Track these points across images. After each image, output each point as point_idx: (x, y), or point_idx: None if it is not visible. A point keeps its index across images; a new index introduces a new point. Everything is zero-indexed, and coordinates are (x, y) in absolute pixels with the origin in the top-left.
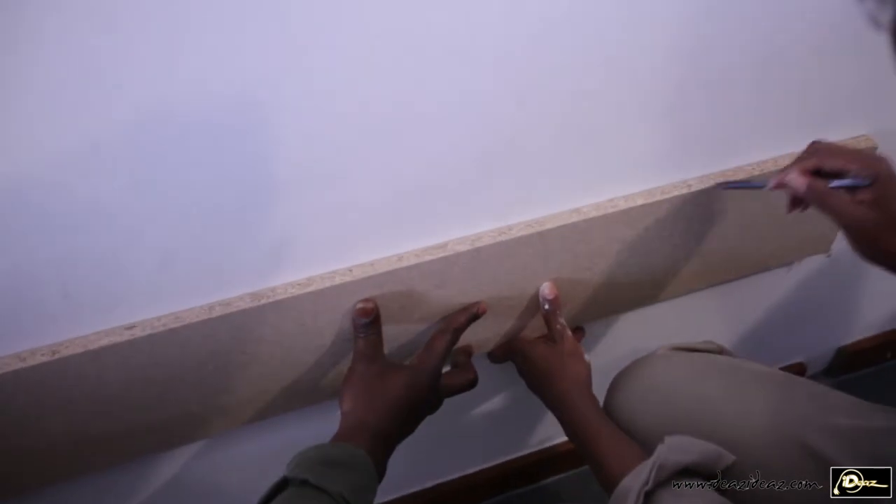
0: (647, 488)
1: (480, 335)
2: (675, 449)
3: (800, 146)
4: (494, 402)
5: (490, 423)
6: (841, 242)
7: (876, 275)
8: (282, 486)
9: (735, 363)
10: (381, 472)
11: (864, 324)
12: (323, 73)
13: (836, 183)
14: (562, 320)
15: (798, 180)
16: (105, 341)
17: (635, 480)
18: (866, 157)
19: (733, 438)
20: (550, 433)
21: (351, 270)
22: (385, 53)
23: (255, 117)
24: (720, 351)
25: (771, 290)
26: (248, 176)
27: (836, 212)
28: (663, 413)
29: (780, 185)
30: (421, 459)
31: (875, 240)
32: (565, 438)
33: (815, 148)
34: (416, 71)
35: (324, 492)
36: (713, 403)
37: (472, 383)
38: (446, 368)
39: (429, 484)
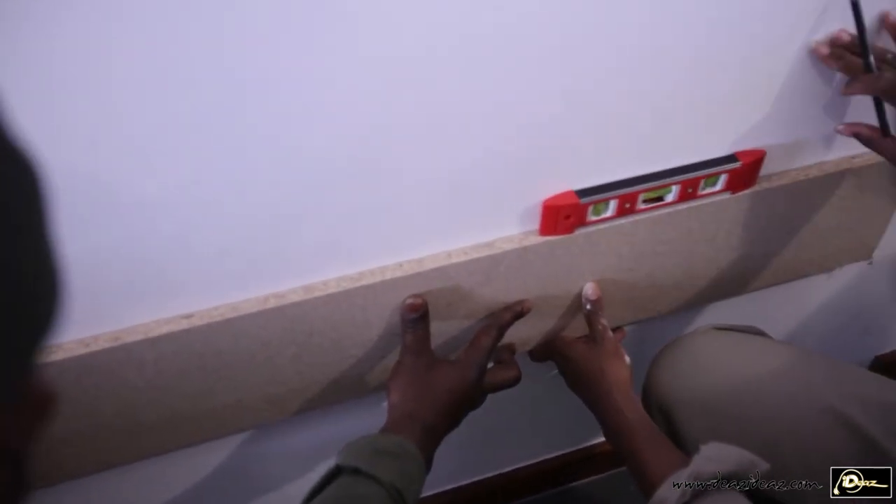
0: (684, 500)
1: (523, 333)
2: (711, 459)
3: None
4: (533, 401)
5: (528, 422)
6: (882, 250)
7: None
8: (334, 474)
9: (772, 342)
10: (428, 465)
11: None
12: (370, 76)
13: None
14: (604, 321)
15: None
16: (164, 329)
17: (671, 492)
18: None
19: (771, 410)
20: (588, 433)
21: (401, 266)
22: (434, 56)
23: (309, 116)
24: (760, 333)
25: (810, 296)
26: (303, 173)
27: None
28: (702, 387)
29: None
30: (458, 457)
31: None
32: (603, 439)
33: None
34: (464, 71)
35: (375, 480)
36: (752, 375)
37: (516, 380)
38: (490, 365)
39: (465, 481)
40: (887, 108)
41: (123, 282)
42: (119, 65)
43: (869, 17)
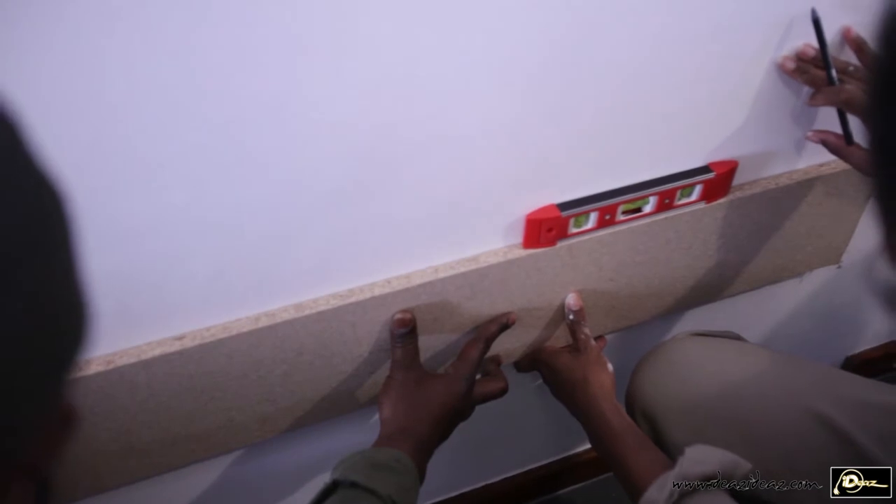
0: (671, 500)
1: (508, 345)
2: (696, 460)
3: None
4: (518, 412)
5: (512, 433)
6: (850, 254)
7: None
8: (330, 489)
9: (750, 346)
10: (421, 477)
11: (872, 333)
12: (359, 98)
13: None
14: (586, 330)
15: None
16: (157, 351)
17: (660, 493)
18: None
19: (751, 411)
20: (571, 442)
21: (389, 282)
22: (418, 80)
23: (299, 140)
24: (737, 338)
25: (783, 300)
26: (294, 196)
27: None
28: (684, 391)
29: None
30: (444, 471)
31: None
32: (586, 447)
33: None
34: (449, 94)
35: (373, 493)
36: (732, 379)
37: (503, 391)
38: (477, 377)
39: (452, 493)
40: (851, 117)
41: (117, 306)
42: (116, 88)
43: (832, 32)
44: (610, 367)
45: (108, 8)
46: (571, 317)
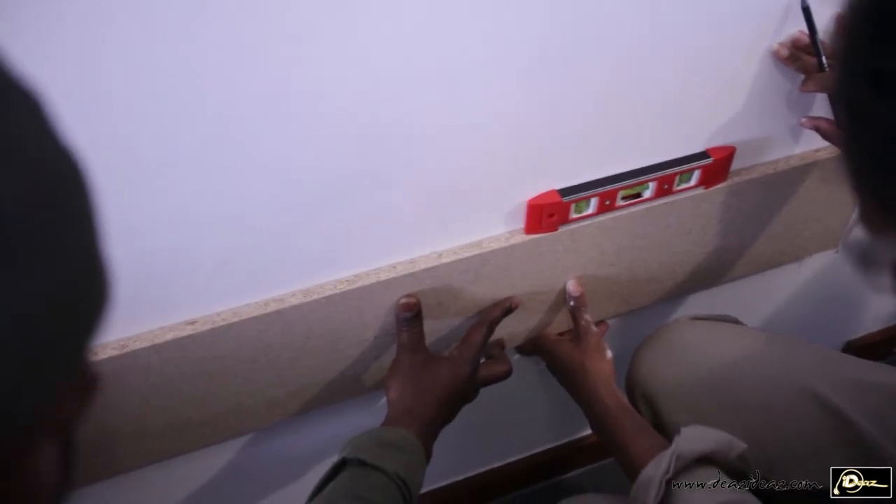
0: (667, 477)
1: (511, 329)
2: (691, 439)
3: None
4: (522, 395)
5: (516, 417)
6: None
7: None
8: (339, 467)
9: (749, 329)
10: (427, 457)
11: (872, 318)
12: (364, 88)
13: None
14: (587, 316)
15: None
16: (169, 336)
17: (656, 470)
18: None
19: (749, 393)
20: (575, 426)
21: (394, 267)
22: (420, 70)
23: (303, 131)
24: (735, 322)
25: (782, 284)
26: (298, 184)
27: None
28: (683, 374)
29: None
30: (449, 454)
31: None
32: (589, 431)
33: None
34: (453, 83)
35: (382, 471)
36: (730, 361)
37: (507, 374)
38: (482, 360)
39: (457, 478)
40: None
41: (130, 293)
42: (115, 88)
43: (825, 20)
44: (609, 353)
45: (107, 7)
46: (572, 303)
